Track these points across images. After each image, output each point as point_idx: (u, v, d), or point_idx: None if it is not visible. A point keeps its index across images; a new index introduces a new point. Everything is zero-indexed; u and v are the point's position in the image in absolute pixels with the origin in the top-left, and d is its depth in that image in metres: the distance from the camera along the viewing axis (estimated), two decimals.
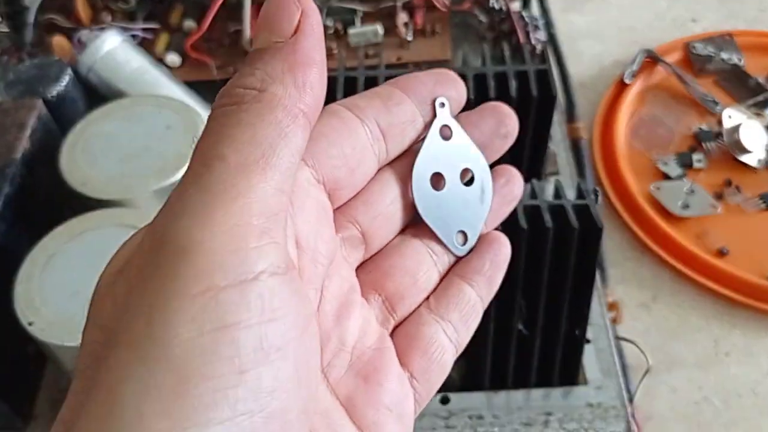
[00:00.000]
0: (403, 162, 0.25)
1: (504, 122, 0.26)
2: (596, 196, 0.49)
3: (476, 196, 0.26)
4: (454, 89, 0.25)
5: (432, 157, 0.25)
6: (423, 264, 0.25)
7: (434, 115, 0.25)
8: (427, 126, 0.25)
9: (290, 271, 0.18)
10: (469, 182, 0.26)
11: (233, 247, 0.17)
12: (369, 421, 0.22)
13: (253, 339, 0.16)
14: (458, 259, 0.26)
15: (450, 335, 0.24)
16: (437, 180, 0.25)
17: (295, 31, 0.19)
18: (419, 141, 0.25)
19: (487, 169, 0.26)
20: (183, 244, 0.17)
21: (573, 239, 0.44)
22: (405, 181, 0.25)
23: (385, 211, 0.24)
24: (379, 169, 0.24)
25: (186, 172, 0.18)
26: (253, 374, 0.16)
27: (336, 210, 0.23)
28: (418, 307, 0.25)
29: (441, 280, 0.25)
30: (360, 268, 0.24)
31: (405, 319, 0.25)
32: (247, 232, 0.17)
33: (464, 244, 0.25)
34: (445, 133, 0.25)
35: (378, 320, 0.24)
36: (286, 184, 0.18)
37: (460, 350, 0.25)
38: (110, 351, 0.17)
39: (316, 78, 0.19)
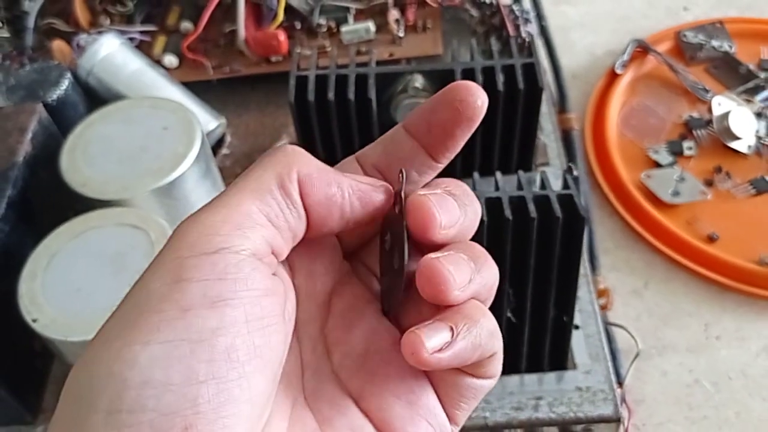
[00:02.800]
0: None
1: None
2: (571, 173, 0.50)
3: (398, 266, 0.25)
4: (448, 111, 0.24)
5: (386, 228, 0.25)
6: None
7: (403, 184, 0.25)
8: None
9: (259, 258, 0.21)
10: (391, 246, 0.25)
11: (205, 233, 0.21)
12: (374, 407, 0.23)
13: (199, 289, 0.20)
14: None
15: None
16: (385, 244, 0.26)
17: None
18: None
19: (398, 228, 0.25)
20: (176, 233, 0.21)
21: (557, 228, 0.45)
22: None
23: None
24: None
25: None
26: (195, 312, 0.20)
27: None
28: None
29: None
30: None
31: None
32: (221, 226, 0.21)
33: (386, 306, 0.25)
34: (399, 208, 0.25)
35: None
36: (278, 220, 0.22)
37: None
38: None
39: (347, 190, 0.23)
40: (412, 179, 0.25)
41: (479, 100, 0.24)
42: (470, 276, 0.22)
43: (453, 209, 0.23)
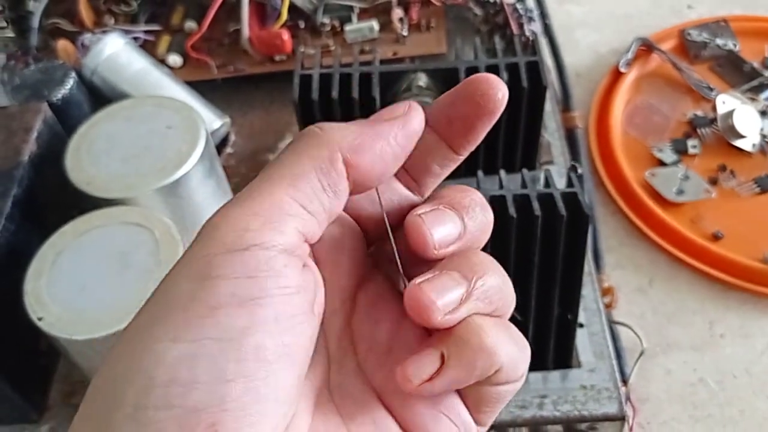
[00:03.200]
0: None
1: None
2: (575, 171, 0.50)
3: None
4: (469, 104, 0.24)
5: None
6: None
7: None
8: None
9: (289, 253, 0.21)
10: None
11: (235, 229, 0.20)
12: (397, 404, 0.23)
13: (228, 288, 0.20)
14: None
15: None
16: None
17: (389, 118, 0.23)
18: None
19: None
20: (206, 227, 0.21)
21: (561, 227, 0.45)
22: None
23: None
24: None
25: None
26: (224, 312, 0.19)
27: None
28: None
29: None
30: None
31: None
32: (251, 220, 0.21)
33: None
34: None
35: None
36: (311, 205, 0.22)
37: None
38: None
39: (374, 149, 0.22)
40: (434, 172, 0.26)
41: (500, 92, 0.24)
42: (460, 296, 0.22)
43: (451, 226, 0.23)
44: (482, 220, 0.24)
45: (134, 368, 0.19)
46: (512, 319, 0.51)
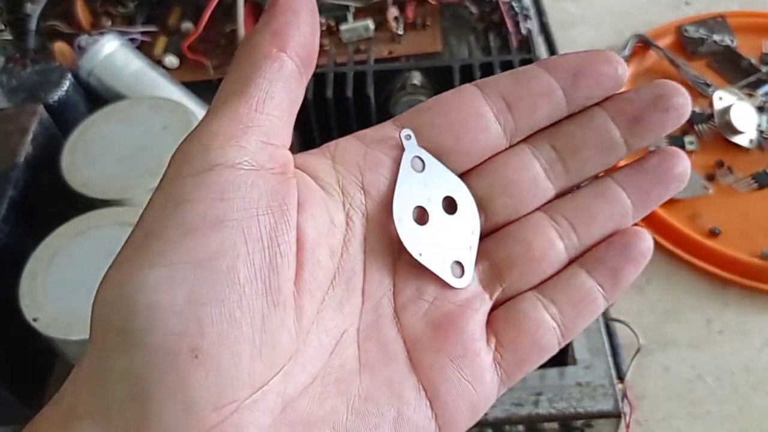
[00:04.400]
0: (540, 136, 0.26)
1: (667, 95, 0.25)
2: None
3: (463, 224, 0.25)
4: (606, 65, 0.25)
5: (409, 191, 0.24)
6: (541, 237, 0.25)
7: (402, 148, 0.25)
8: (397, 161, 0.25)
9: (258, 168, 0.21)
10: (452, 211, 0.25)
11: (200, 149, 0.21)
12: (426, 364, 0.23)
13: (200, 209, 0.20)
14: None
15: (552, 314, 0.24)
16: (420, 214, 0.25)
17: None
18: (564, 115, 0.25)
19: (468, 192, 0.25)
20: (175, 153, 0.22)
21: None
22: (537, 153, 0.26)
23: (508, 179, 0.25)
24: (518, 143, 0.26)
25: None
26: (198, 234, 0.20)
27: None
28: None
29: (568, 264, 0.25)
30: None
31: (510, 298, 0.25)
32: (214, 139, 0.21)
33: (462, 275, 0.25)
34: (417, 165, 0.25)
35: (481, 283, 0.25)
36: (266, 106, 0.22)
37: (568, 336, 0.25)
38: None
39: (292, 22, 0.23)
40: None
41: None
42: None
43: None
44: None
45: (117, 295, 0.20)
46: None
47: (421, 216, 0.25)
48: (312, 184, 0.24)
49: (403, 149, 0.25)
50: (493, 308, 0.25)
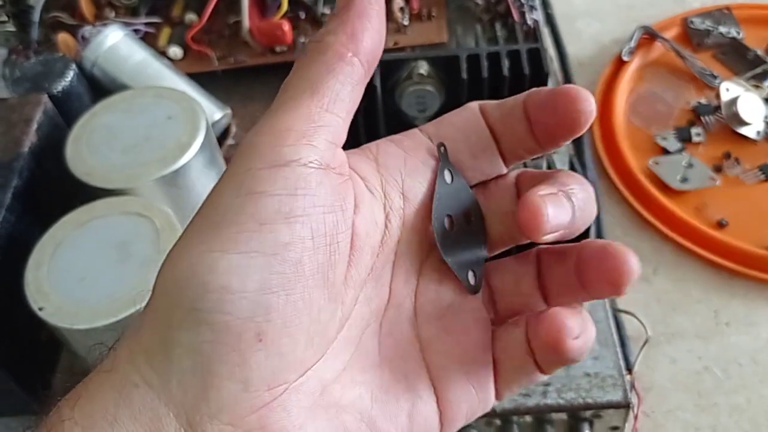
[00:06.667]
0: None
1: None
2: (580, 159, 0.50)
3: (476, 236, 0.27)
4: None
5: (443, 199, 0.26)
6: (528, 276, 0.26)
7: (438, 159, 0.26)
8: (435, 169, 0.26)
9: (325, 168, 0.23)
10: (469, 224, 0.27)
11: (273, 144, 0.22)
12: (437, 364, 0.25)
13: (273, 203, 0.21)
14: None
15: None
16: (450, 222, 0.26)
17: None
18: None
19: (480, 209, 0.27)
20: (244, 144, 0.23)
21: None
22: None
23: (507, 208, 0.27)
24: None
25: None
26: (270, 227, 0.21)
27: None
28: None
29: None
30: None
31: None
32: (286, 135, 0.22)
33: (475, 283, 0.26)
34: (447, 177, 0.26)
35: (484, 303, 0.27)
36: (335, 107, 0.23)
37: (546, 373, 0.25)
38: None
39: (366, 28, 0.24)
40: (521, 157, 0.27)
41: (590, 108, 0.25)
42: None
43: (564, 214, 0.24)
44: (590, 210, 0.25)
45: (190, 273, 0.21)
46: None
47: (450, 224, 0.26)
48: (361, 185, 0.25)
49: (438, 160, 0.26)
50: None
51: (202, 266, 0.21)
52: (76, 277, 0.45)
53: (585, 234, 0.46)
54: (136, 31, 0.74)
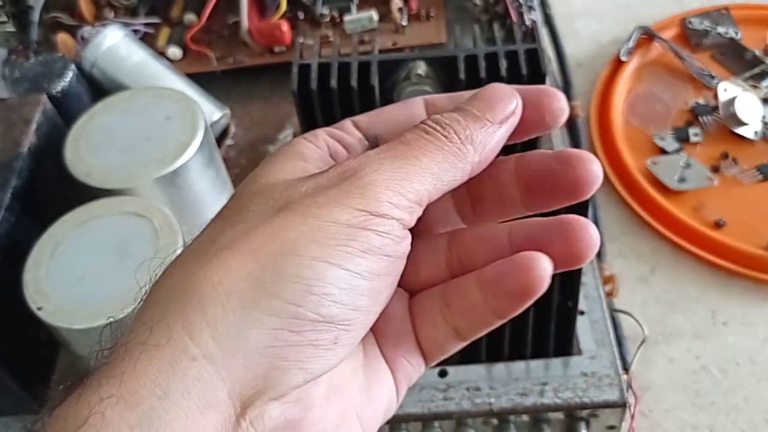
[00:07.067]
0: None
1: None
2: None
3: None
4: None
5: None
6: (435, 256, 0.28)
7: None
8: None
9: (406, 229, 0.24)
10: None
11: (387, 198, 0.23)
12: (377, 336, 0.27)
13: (378, 241, 0.23)
14: None
15: (446, 317, 0.27)
16: None
17: (502, 122, 0.25)
18: None
19: None
20: (364, 178, 0.23)
21: (559, 212, 0.45)
22: None
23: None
24: None
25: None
26: (371, 258, 0.23)
27: None
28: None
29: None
30: None
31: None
32: (401, 198, 0.23)
33: None
34: None
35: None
36: (435, 194, 0.24)
37: (466, 340, 0.27)
38: None
39: (489, 156, 0.25)
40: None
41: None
42: None
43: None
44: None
45: (296, 275, 0.22)
46: None
47: None
48: None
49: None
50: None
51: (312, 271, 0.22)
52: (74, 277, 0.45)
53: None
54: (135, 31, 0.74)
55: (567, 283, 0.49)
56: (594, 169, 0.26)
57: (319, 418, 0.23)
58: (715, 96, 0.77)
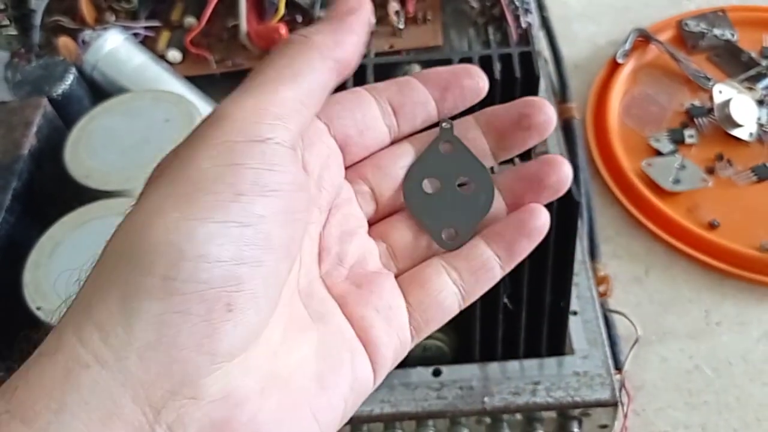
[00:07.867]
0: (419, 139, 0.29)
1: (529, 114, 0.28)
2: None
3: (474, 202, 0.29)
4: (469, 79, 0.28)
5: (429, 165, 0.29)
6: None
7: (439, 134, 0.29)
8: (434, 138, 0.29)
9: (294, 150, 0.23)
10: (467, 191, 0.29)
11: (252, 120, 0.22)
12: (357, 315, 0.26)
13: (251, 176, 0.21)
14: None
15: (454, 279, 0.27)
16: (432, 183, 0.29)
17: (348, 12, 0.26)
18: (432, 125, 0.29)
19: (491, 183, 0.29)
20: (219, 115, 0.23)
21: (552, 214, 0.46)
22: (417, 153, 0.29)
23: (395, 175, 0.29)
24: (395, 142, 0.29)
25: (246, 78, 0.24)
26: (247, 198, 0.21)
27: (349, 167, 0.28)
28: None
29: None
30: (371, 226, 0.29)
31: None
32: (265, 114, 0.23)
33: (454, 239, 0.28)
34: (446, 148, 0.29)
35: (381, 259, 0.28)
36: (308, 100, 0.24)
37: (468, 299, 0.28)
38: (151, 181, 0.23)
39: (350, 43, 0.26)
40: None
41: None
42: None
43: None
44: None
45: (165, 240, 0.20)
46: (504, 308, 0.52)
47: (432, 185, 0.29)
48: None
49: (440, 134, 0.29)
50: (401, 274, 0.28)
51: (179, 234, 0.20)
52: (73, 278, 0.46)
53: (569, 234, 0.47)
54: (135, 34, 0.75)
55: (559, 283, 0.50)
56: (547, 110, 0.28)
57: (253, 416, 0.21)
58: (711, 98, 0.78)
